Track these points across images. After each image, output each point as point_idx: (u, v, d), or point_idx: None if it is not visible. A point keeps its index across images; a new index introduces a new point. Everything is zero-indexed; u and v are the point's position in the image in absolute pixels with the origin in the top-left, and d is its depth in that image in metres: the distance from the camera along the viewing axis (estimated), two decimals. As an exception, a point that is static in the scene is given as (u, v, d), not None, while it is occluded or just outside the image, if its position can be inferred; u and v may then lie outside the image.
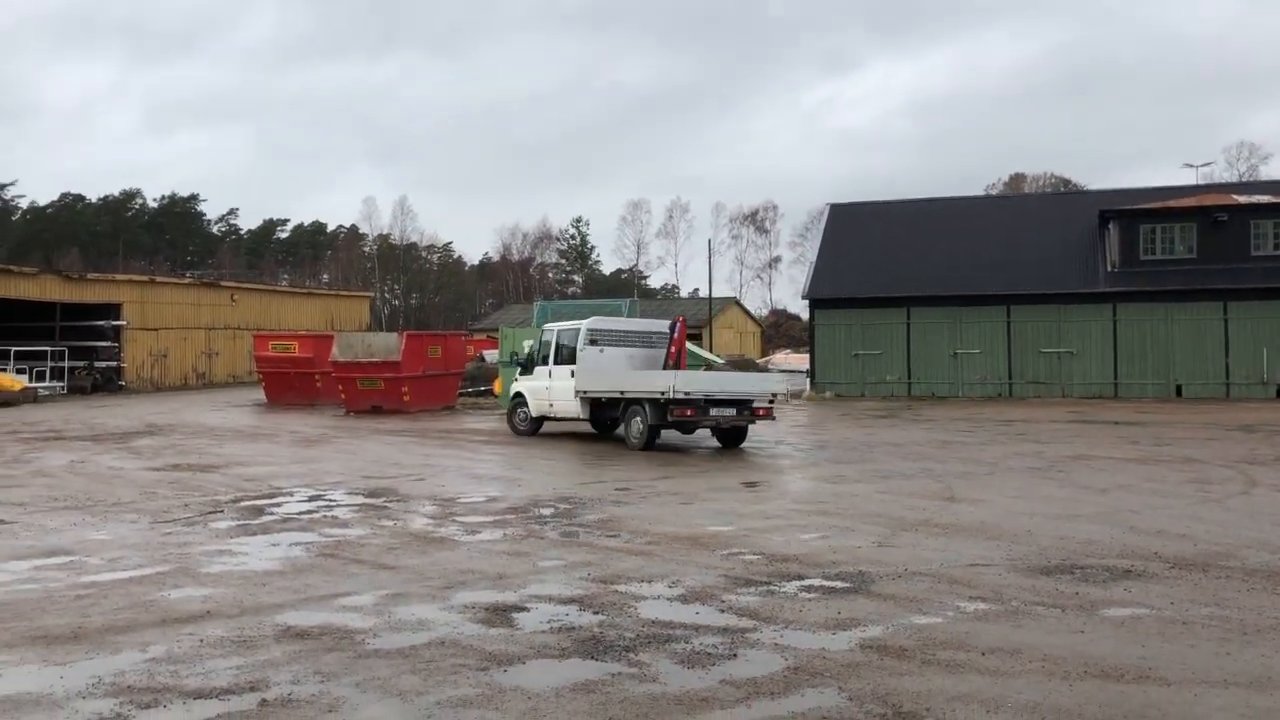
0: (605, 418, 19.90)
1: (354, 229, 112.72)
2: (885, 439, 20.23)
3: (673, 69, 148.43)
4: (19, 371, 36.81)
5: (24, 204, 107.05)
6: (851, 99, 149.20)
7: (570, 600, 7.48)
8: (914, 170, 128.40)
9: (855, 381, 34.08)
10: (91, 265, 68.60)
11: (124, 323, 42.24)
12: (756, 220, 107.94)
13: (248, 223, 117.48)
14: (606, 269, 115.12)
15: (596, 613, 7.13)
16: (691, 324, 56.81)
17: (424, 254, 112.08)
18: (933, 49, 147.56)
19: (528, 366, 21.32)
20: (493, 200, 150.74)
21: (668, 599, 7.54)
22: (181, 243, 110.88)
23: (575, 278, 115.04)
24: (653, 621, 6.90)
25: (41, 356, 39.02)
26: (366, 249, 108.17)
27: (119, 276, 46.11)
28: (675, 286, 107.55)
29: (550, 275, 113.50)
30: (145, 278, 47.49)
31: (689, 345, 31.35)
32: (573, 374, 19.86)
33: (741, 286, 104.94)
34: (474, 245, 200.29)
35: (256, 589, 7.90)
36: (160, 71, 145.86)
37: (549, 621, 6.92)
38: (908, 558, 8.91)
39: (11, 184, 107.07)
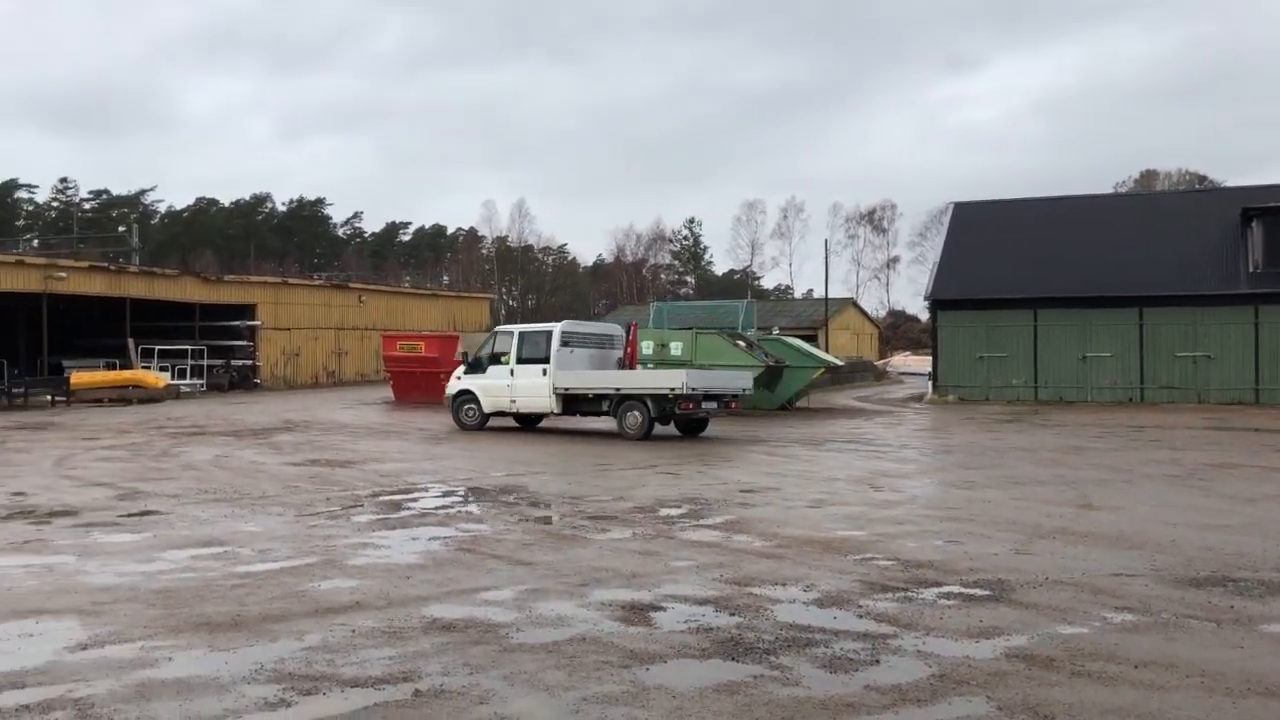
0: (576, 411, 22.30)
1: (473, 231, 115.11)
2: (1014, 444, 19.75)
3: (791, 69, 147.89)
4: (162, 369, 38.59)
5: (162, 208, 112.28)
6: (975, 97, 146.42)
7: (705, 601, 7.53)
8: (1038, 169, 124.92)
9: (979, 385, 33.34)
10: (225, 267, 71.58)
11: (258, 323, 43.93)
12: (874, 220, 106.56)
13: (371, 226, 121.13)
14: (719, 270, 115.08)
15: (733, 614, 7.16)
16: (806, 325, 56.61)
17: (540, 256, 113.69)
18: (1060, 45, 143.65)
19: (477, 366, 23.10)
20: (607, 202, 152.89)
21: (803, 603, 7.52)
22: (309, 245, 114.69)
23: (688, 279, 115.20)
24: (790, 625, 6.90)
25: (182, 355, 40.84)
26: (485, 251, 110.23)
27: (253, 278, 48.00)
28: (789, 287, 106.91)
29: (663, 276, 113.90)
30: (278, 279, 49.32)
31: (805, 345, 31.18)
32: (545, 372, 22.01)
33: (858, 287, 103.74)
34: (588, 247, 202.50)
35: (401, 581, 8.16)
36: (296, 82, 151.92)
37: (686, 621, 6.98)
38: (1047, 566, 8.70)
39: (151, 189, 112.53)
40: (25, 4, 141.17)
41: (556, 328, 22.86)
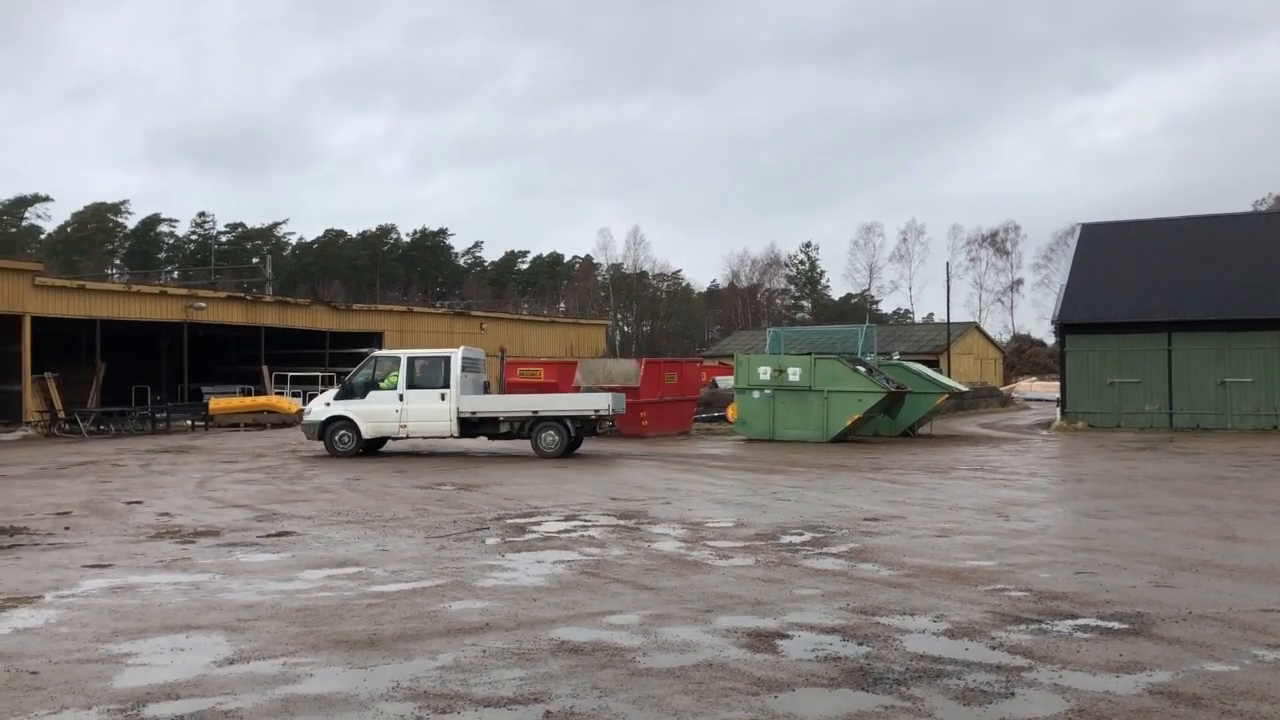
0: (475, 433, 23.32)
1: (589, 259, 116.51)
2: (1149, 472, 19.02)
3: (914, 93, 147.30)
4: (294, 395, 40.01)
5: (293, 240, 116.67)
6: (1104, 117, 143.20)
7: (832, 630, 7.45)
8: (1170, 189, 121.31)
9: (1110, 411, 32.20)
10: (353, 296, 73.91)
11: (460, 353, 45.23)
12: (996, 242, 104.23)
13: (491, 255, 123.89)
14: (836, 294, 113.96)
15: (861, 643, 7.07)
16: (927, 350, 55.58)
17: (654, 282, 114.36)
18: (1194, 63, 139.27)
19: (350, 392, 23.31)
20: (722, 228, 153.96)
21: (933, 633, 7.38)
22: (431, 274, 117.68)
23: (804, 303, 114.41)
24: (920, 655, 6.78)
25: (313, 381, 42.28)
26: (600, 278, 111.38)
27: (380, 306, 49.50)
28: (908, 311, 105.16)
29: (778, 301, 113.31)
30: (403, 308, 50.77)
31: (927, 370, 30.60)
32: (444, 396, 22.73)
33: (980, 311, 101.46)
34: (702, 273, 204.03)
35: (529, 604, 8.29)
36: (428, 120, 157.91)
37: (813, 650, 6.92)
38: (1189, 599, 8.36)
39: (284, 221, 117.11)
40: (185, 52, 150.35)
41: (457, 354, 23.43)
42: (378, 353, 24.73)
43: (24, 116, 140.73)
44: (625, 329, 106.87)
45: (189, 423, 34.46)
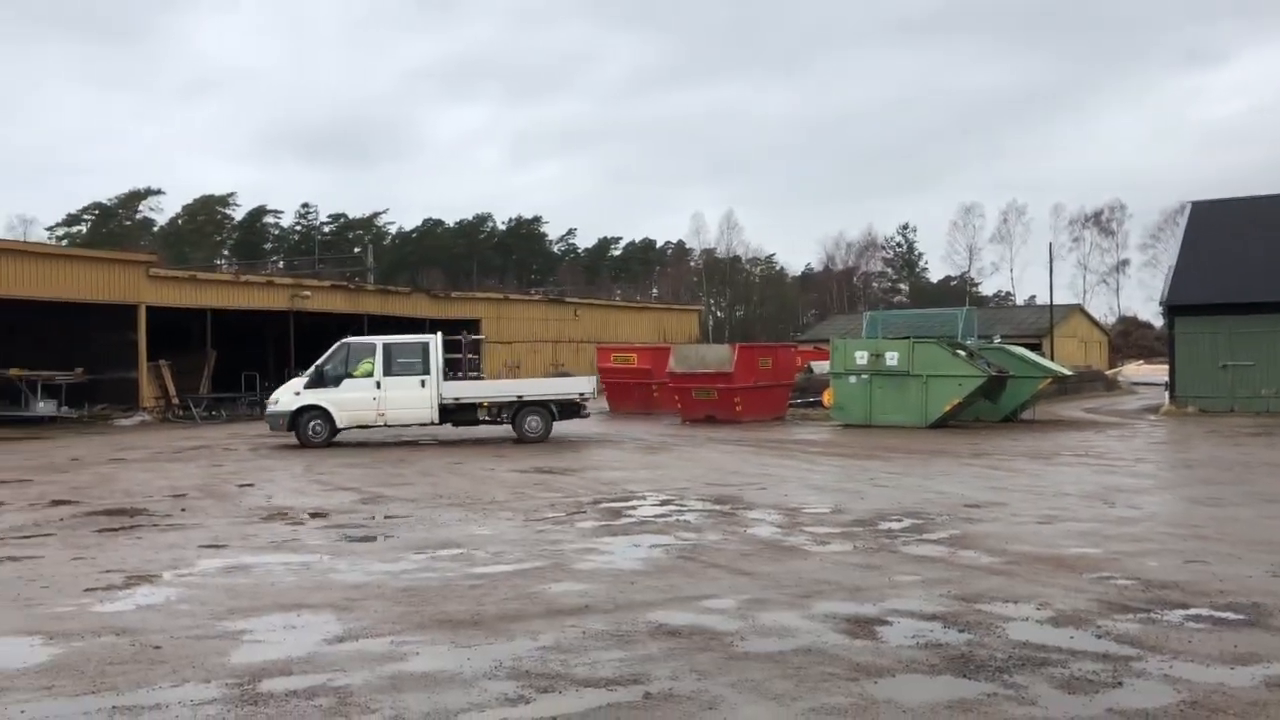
0: (453, 420, 23.07)
1: (681, 245, 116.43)
2: (1265, 459, 18.33)
3: (1014, 71, 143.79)
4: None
5: (393, 229, 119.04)
6: (1218, 91, 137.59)
7: (933, 617, 7.37)
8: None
9: (1223, 395, 31.03)
10: (451, 284, 75.11)
11: (482, 337, 45.90)
12: (1101, 221, 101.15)
13: (584, 242, 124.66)
14: (934, 277, 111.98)
15: (962, 630, 6.99)
16: (1030, 333, 54.33)
17: (748, 266, 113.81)
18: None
19: (321, 380, 22.58)
20: (818, 211, 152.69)
21: (1037, 621, 7.25)
22: (526, 261, 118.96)
23: (901, 286, 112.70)
24: (1024, 643, 6.67)
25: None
26: (693, 263, 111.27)
27: (477, 294, 50.29)
28: (1009, 294, 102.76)
29: (874, 285, 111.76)
30: (499, 295, 51.48)
31: (1029, 353, 29.88)
32: (424, 383, 22.39)
33: (1085, 292, 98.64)
34: (797, 256, 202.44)
35: (626, 586, 8.38)
36: (527, 109, 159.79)
37: (914, 636, 6.87)
38: (1310, 591, 8.05)
39: (384, 212, 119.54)
40: (295, 47, 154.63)
41: (435, 339, 23.06)
42: (350, 340, 23.81)
43: (143, 113, 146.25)
44: (718, 314, 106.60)
45: (295, 408, 35.48)
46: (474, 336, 45.54)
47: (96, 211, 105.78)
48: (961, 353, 26.25)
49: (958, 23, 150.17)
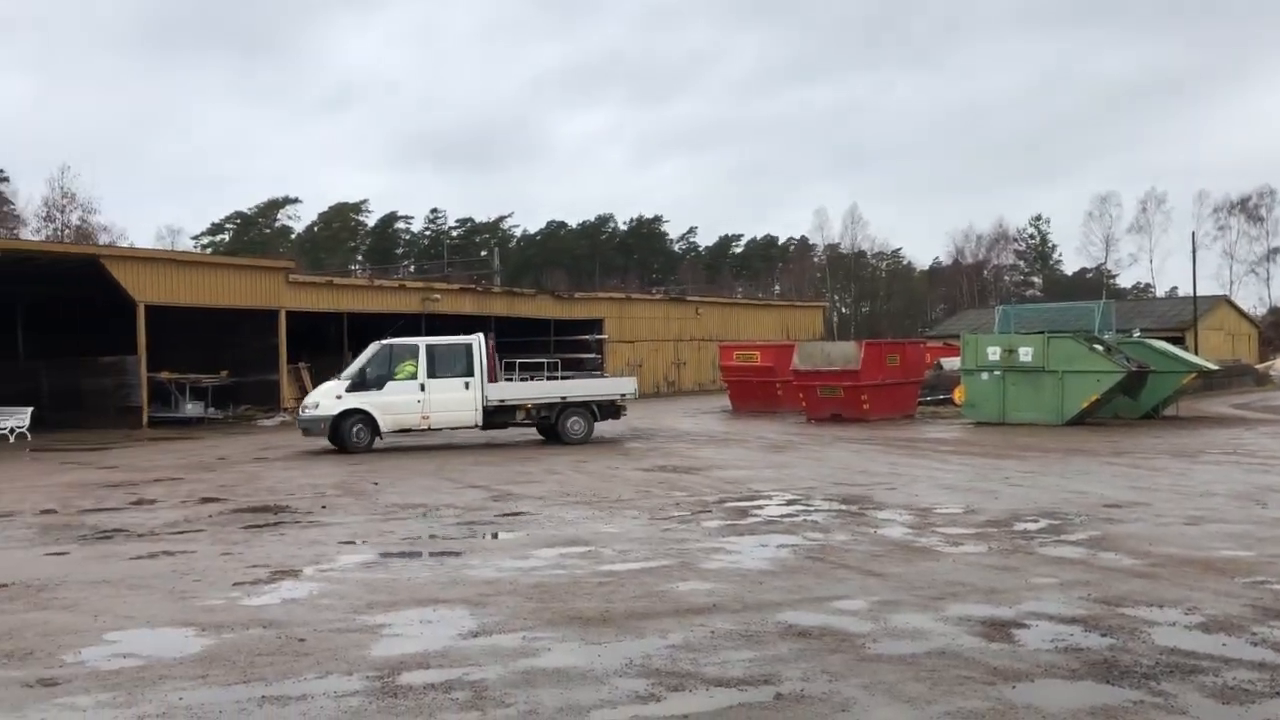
0: (496, 424, 22.59)
1: (804, 240, 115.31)
2: None
3: (1153, 57, 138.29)
4: (522, 380, 41.53)
5: (517, 232, 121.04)
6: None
7: (1073, 620, 7.14)
8: None
9: (1387, 389, 29.20)
10: (574, 284, 76.02)
11: (605, 336, 46.37)
12: (1248, 208, 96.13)
13: (705, 240, 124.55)
14: (1068, 269, 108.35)
15: (1104, 635, 6.75)
16: (1171, 326, 52.08)
17: (873, 261, 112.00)
18: None
19: (364, 384, 21.79)
20: (946, 204, 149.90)
21: (1185, 626, 6.96)
22: (647, 261, 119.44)
23: (1034, 279, 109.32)
24: (1171, 649, 6.41)
25: (539, 368, 43.75)
26: (816, 259, 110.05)
27: (600, 294, 50.76)
28: (1149, 285, 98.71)
29: (1006, 278, 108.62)
30: (622, 295, 51.86)
31: (1171, 347, 28.65)
32: (468, 385, 21.93)
33: (1231, 283, 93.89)
34: (924, 250, 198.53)
35: (754, 586, 8.35)
36: (651, 110, 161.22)
37: (1053, 640, 6.67)
38: None
39: (509, 215, 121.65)
40: (425, 58, 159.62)
41: (478, 339, 22.53)
42: (392, 340, 23.12)
43: (284, 125, 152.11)
44: (843, 310, 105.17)
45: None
46: (597, 336, 46.23)
47: (238, 220, 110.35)
48: (1099, 347, 25.33)
49: (1095, 8, 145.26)
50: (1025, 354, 25.14)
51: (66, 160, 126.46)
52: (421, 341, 22.81)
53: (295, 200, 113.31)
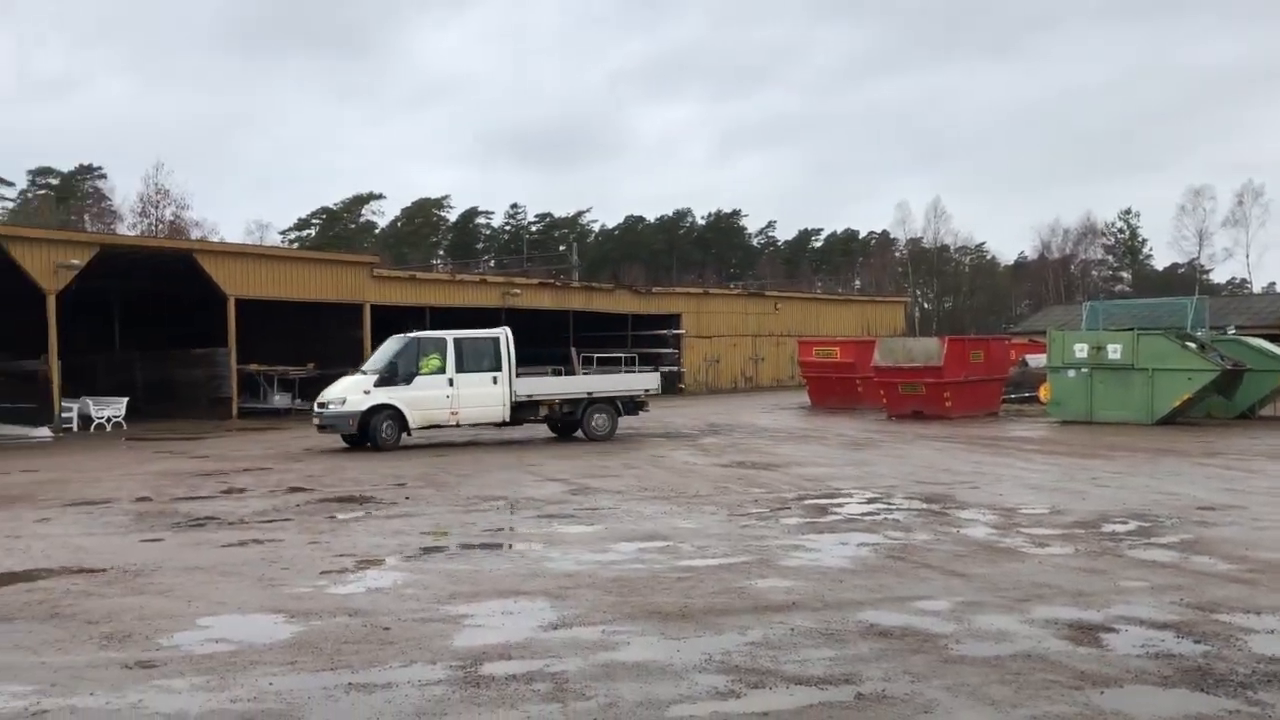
0: (523, 419, 22.27)
1: (885, 235, 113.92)
2: None
3: (1251, 45, 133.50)
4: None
5: (595, 227, 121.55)
6: None
7: (1164, 625, 6.96)
8: None
9: None
10: (651, 279, 76.16)
11: (683, 331, 46.35)
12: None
13: (784, 234, 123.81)
14: (1159, 264, 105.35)
15: (1198, 641, 6.57)
16: (1270, 323, 50.28)
17: (956, 256, 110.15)
18: None
19: (394, 378, 21.14)
20: (1032, 197, 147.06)
21: (1284, 634, 6.74)
22: (725, 255, 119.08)
23: (1123, 275, 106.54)
24: (1270, 658, 6.21)
25: (617, 362, 43.88)
26: (898, 254, 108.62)
27: (678, 289, 50.72)
28: (1245, 281, 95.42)
29: (1094, 273, 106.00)
30: (699, 290, 51.75)
31: (1269, 345, 27.66)
32: (496, 380, 21.49)
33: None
34: (1008, 245, 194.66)
35: (834, 585, 8.28)
36: (732, 105, 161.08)
37: (1143, 645, 6.50)
38: None
39: (588, 210, 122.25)
40: (509, 55, 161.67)
41: (504, 333, 22.04)
42: (420, 334, 22.57)
43: (370, 122, 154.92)
44: (925, 306, 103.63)
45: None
46: (674, 331, 46.23)
47: (324, 216, 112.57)
48: (1191, 345, 24.58)
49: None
50: (1114, 351, 24.52)
51: (161, 157, 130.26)
52: (449, 335, 22.21)
53: (379, 196, 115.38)
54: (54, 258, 28.24)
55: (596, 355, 43.67)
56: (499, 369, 21.73)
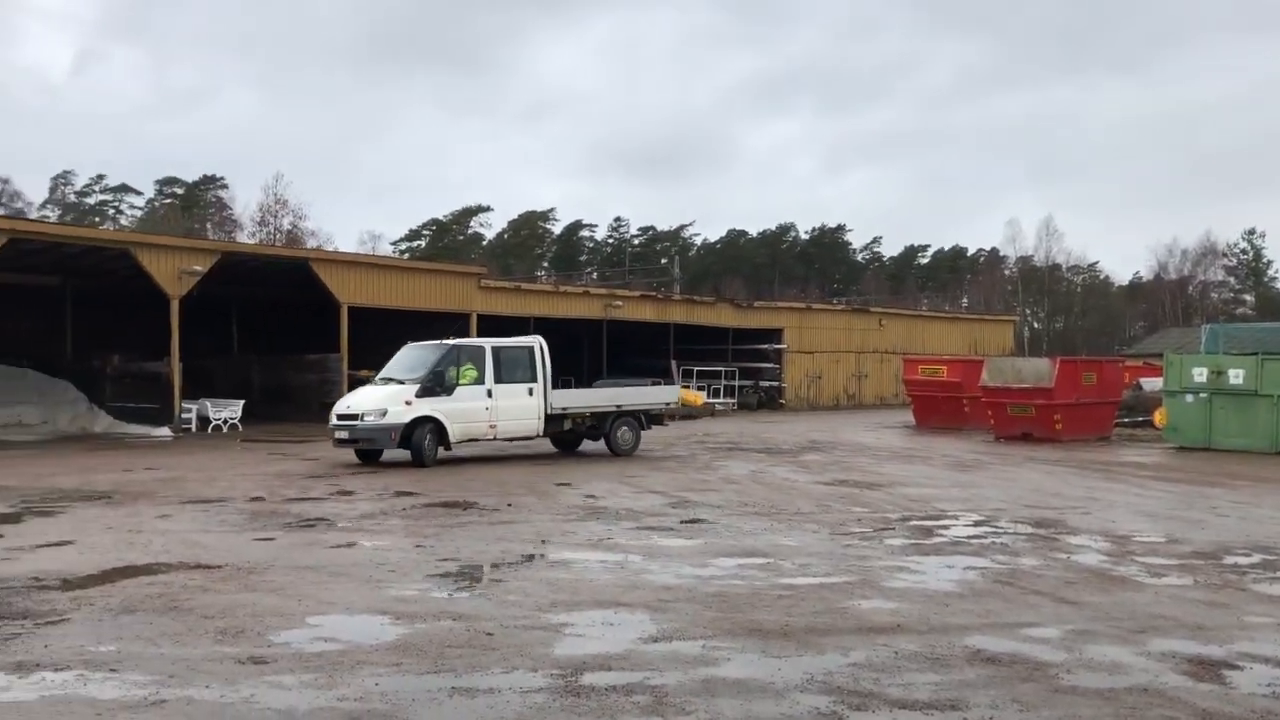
0: (556, 432, 21.47)
1: (994, 252, 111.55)
2: None
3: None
4: (699, 388, 41.77)
5: (697, 241, 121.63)
6: None
7: (1292, 664, 6.64)
8: None
9: None
10: (753, 293, 75.88)
11: (784, 346, 46.05)
12: None
13: (889, 250, 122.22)
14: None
15: (1330, 683, 6.25)
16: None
17: (1067, 275, 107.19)
18: None
19: (439, 388, 19.62)
20: (1149, 216, 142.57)
21: None
22: (828, 270, 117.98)
23: (1245, 297, 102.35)
24: None
25: (717, 376, 43.93)
26: (1007, 271, 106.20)
27: (780, 304, 50.42)
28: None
29: (1214, 295, 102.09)
30: (802, 305, 51.37)
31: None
32: (531, 392, 20.55)
33: None
34: (1123, 265, 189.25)
35: (940, 608, 8.11)
36: (842, 120, 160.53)
37: (1270, 685, 6.21)
38: None
39: (690, 224, 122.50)
40: (623, 70, 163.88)
41: (538, 342, 21.07)
42: (460, 341, 21.40)
43: (481, 135, 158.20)
44: (1034, 325, 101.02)
45: (606, 413, 37.18)
46: (776, 346, 45.96)
47: (433, 227, 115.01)
48: (1323, 370, 23.45)
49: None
50: (1236, 376, 23.55)
51: (281, 169, 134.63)
52: (487, 343, 21.19)
53: (487, 208, 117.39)
54: (178, 264, 29.41)
55: (696, 368, 43.77)
56: (534, 379, 20.79)
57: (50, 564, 9.93)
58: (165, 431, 28.21)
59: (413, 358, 21.04)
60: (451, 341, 21.05)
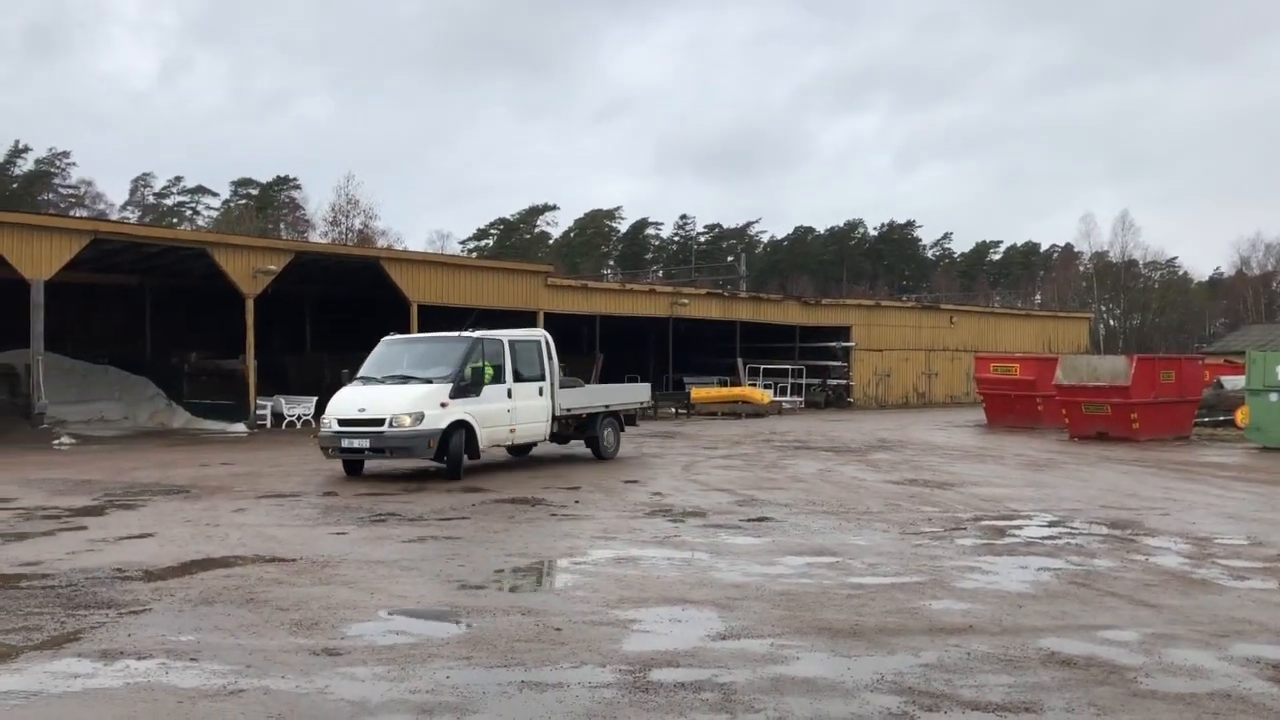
0: (564, 437, 20.11)
1: (1069, 248, 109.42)
2: None
3: None
4: (766, 386, 41.62)
5: (764, 238, 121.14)
6: None
7: (1384, 672, 6.41)
8: None
9: None
10: (820, 291, 75.34)
11: (852, 344, 45.67)
12: None
13: (960, 246, 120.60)
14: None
15: None
16: None
17: (1144, 271, 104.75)
18: None
19: (469, 388, 17.03)
20: (1230, 211, 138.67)
21: None
22: (897, 267, 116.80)
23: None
24: None
25: (783, 374, 43.72)
26: (1082, 268, 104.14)
27: (848, 301, 50.02)
28: None
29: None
30: (871, 302, 50.91)
31: None
32: (541, 391, 18.89)
33: None
34: (1203, 261, 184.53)
35: (1013, 609, 7.97)
36: (918, 116, 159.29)
37: (1360, 692, 6.01)
38: None
39: (756, 221, 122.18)
40: (695, 68, 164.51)
41: (545, 337, 19.53)
42: (480, 334, 18.32)
43: (552, 135, 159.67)
44: (1110, 323, 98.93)
45: (673, 410, 37.15)
46: (844, 344, 45.60)
47: (501, 226, 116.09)
48: None
49: None
50: (1320, 375, 22.82)
51: (352, 169, 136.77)
52: (505, 336, 18.68)
53: (554, 207, 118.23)
54: (253, 263, 30.06)
55: (763, 366, 43.60)
56: (543, 378, 18.94)
57: (132, 555, 10.22)
58: (240, 427, 28.85)
59: (381, 352, 18.64)
60: (475, 334, 18.34)
